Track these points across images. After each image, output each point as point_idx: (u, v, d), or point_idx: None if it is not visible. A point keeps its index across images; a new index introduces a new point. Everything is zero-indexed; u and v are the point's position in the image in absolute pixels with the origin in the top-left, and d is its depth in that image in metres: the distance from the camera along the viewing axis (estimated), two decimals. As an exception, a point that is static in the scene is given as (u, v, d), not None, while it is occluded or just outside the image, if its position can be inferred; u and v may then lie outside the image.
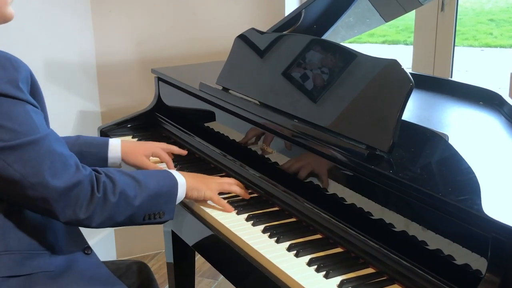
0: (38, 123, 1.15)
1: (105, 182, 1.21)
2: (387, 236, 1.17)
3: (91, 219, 1.19)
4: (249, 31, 1.76)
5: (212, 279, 2.66)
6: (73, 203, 1.16)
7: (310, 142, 1.39)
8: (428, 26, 2.44)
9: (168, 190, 1.33)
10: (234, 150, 1.67)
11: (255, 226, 1.34)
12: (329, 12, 1.93)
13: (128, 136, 2.01)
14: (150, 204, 1.28)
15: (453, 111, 1.69)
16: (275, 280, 1.16)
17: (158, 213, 1.31)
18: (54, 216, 1.17)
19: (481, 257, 1.00)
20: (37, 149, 1.13)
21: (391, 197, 1.18)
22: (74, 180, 1.16)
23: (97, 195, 1.19)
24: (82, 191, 1.17)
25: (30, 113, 1.13)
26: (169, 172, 1.38)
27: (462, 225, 1.03)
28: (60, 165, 1.15)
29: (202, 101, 1.84)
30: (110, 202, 1.21)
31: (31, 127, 1.13)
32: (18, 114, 1.11)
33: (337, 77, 1.41)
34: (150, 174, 1.33)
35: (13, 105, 1.11)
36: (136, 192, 1.26)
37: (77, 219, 1.18)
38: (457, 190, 1.09)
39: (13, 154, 1.11)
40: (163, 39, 2.70)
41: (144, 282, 1.56)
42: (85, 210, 1.18)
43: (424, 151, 1.27)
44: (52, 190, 1.13)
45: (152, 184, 1.29)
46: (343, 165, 1.29)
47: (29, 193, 1.13)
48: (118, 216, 1.23)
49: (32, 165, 1.12)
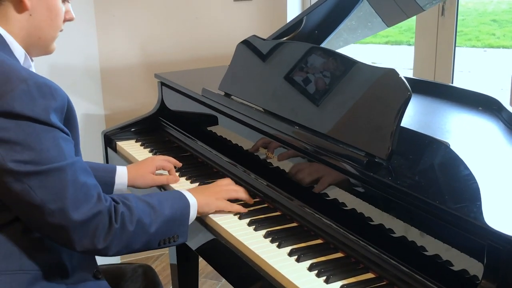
0: (66, 151, 1.15)
1: (123, 212, 1.21)
2: (386, 241, 1.20)
3: (108, 249, 1.19)
4: (251, 37, 1.78)
5: (215, 281, 2.68)
6: (91, 234, 1.16)
7: (311, 148, 1.41)
8: (428, 30, 2.45)
9: (181, 213, 1.33)
10: (236, 155, 1.69)
11: (257, 231, 1.37)
12: (330, 18, 1.95)
13: (131, 140, 2.03)
14: (165, 229, 1.29)
15: (452, 117, 1.71)
16: (277, 285, 1.19)
17: (173, 237, 1.31)
18: (70, 245, 1.17)
19: (478, 263, 1.02)
20: (61, 177, 1.12)
21: (390, 203, 1.20)
22: (94, 211, 1.16)
23: (115, 226, 1.19)
24: (101, 222, 1.17)
25: (59, 140, 1.14)
26: (181, 193, 1.38)
27: (459, 232, 1.05)
28: (82, 195, 1.15)
29: (205, 106, 1.86)
30: (127, 231, 1.21)
31: (59, 154, 1.13)
32: (47, 140, 1.11)
33: (337, 84, 1.43)
34: (163, 198, 1.33)
35: (43, 131, 1.11)
36: (152, 219, 1.26)
37: (94, 249, 1.18)
38: (455, 197, 1.11)
39: (37, 179, 1.11)
40: (166, 44, 2.73)
41: (149, 285, 1.58)
42: (103, 241, 1.18)
43: (423, 158, 1.29)
44: (71, 219, 1.13)
45: (167, 209, 1.30)
46: (343, 171, 1.31)
47: (48, 219, 1.13)
48: (135, 244, 1.24)
49: (54, 192, 1.12)
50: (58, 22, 1.28)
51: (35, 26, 1.25)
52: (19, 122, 1.09)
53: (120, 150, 1.99)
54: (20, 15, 1.22)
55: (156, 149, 1.93)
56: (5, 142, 1.09)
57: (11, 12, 1.22)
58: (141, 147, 1.97)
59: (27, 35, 1.25)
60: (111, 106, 2.74)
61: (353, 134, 1.33)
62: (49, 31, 1.27)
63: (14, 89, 1.09)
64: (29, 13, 1.23)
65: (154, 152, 1.91)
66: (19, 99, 1.09)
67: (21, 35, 1.24)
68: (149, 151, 1.93)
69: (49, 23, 1.26)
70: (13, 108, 1.08)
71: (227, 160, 1.70)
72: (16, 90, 1.09)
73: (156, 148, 1.94)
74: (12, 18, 1.22)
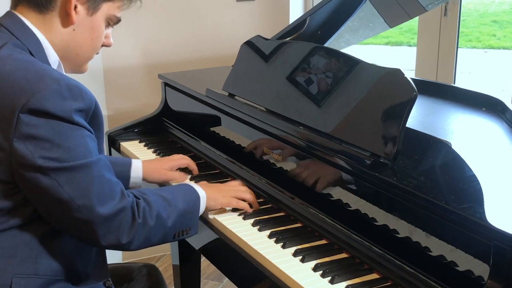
0: (92, 148, 1.18)
1: (144, 207, 1.24)
2: (391, 242, 1.20)
3: (131, 243, 1.22)
4: (255, 38, 1.78)
5: (217, 282, 2.68)
6: (116, 229, 1.19)
7: (315, 148, 1.41)
8: (431, 30, 2.46)
9: (193, 206, 1.37)
10: (240, 156, 1.69)
11: (261, 231, 1.37)
12: (333, 18, 1.95)
13: (135, 140, 2.04)
14: (180, 222, 1.32)
15: (456, 118, 1.71)
16: (281, 285, 1.19)
17: (186, 229, 1.35)
18: (95, 240, 1.19)
19: (484, 264, 1.02)
20: (88, 173, 1.15)
21: (395, 204, 1.20)
22: (119, 206, 1.19)
23: (138, 221, 1.22)
24: (125, 218, 1.20)
25: (86, 138, 1.16)
26: (190, 186, 1.41)
27: (464, 232, 1.05)
28: (108, 191, 1.18)
29: (209, 106, 1.86)
30: (148, 226, 1.24)
31: (85, 151, 1.16)
32: (74, 138, 1.14)
33: (342, 84, 1.43)
34: (175, 192, 1.36)
35: (71, 129, 1.14)
36: (168, 213, 1.29)
37: (118, 244, 1.21)
38: (460, 197, 1.11)
39: (65, 175, 1.13)
40: (169, 44, 2.73)
41: (153, 284, 1.59)
42: (126, 236, 1.21)
43: (427, 159, 1.29)
44: (97, 215, 1.16)
45: (180, 202, 1.33)
46: (347, 172, 1.32)
47: (75, 215, 1.15)
48: (154, 237, 1.27)
49: (82, 187, 1.15)
50: (97, 44, 1.33)
51: (75, 42, 1.28)
52: (48, 120, 1.11)
53: (124, 151, 1.99)
54: (64, 28, 1.26)
55: (160, 149, 1.93)
56: (34, 139, 1.11)
57: (56, 23, 1.25)
58: (145, 147, 1.97)
59: (66, 48, 1.28)
60: (114, 107, 2.74)
61: (358, 134, 1.33)
62: (87, 50, 1.32)
63: (46, 88, 1.12)
64: (73, 28, 1.27)
65: (157, 152, 1.91)
66: (51, 98, 1.11)
67: (60, 46, 1.27)
68: (153, 151, 1.93)
69: (89, 42, 1.30)
70: (44, 107, 1.11)
71: (231, 160, 1.70)
72: (48, 89, 1.12)
73: (160, 148, 1.94)
74: (56, 28, 1.26)
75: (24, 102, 1.10)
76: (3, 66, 1.15)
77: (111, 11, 1.31)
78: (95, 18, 1.28)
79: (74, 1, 1.24)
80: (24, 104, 1.10)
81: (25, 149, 1.10)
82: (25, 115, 1.10)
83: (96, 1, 1.27)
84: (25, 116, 1.10)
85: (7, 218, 1.16)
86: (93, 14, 1.28)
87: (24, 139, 1.10)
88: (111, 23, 1.34)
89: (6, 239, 1.17)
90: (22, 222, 1.18)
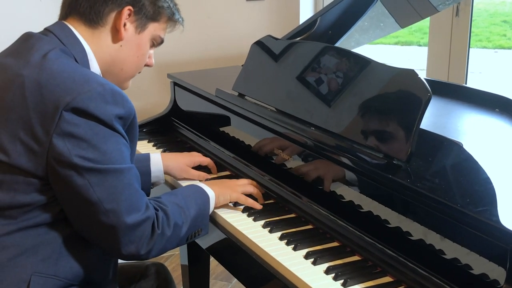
0: (126, 156, 1.20)
1: (163, 218, 1.26)
2: (404, 244, 1.18)
3: (150, 253, 1.24)
4: (266, 38, 1.77)
5: (226, 282, 2.67)
6: (138, 239, 1.20)
7: (327, 149, 1.40)
8: (443, 30, 2.44)
9: (204, 208, 1.38)
10: (250, 156, 1.68)
11: (272, 233, 1.35)
12: (344, 18, 1.94)
13: (144, 140, 2.03)
14: (193, 226, 1.34)
15: (469, 118, 1.69)
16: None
17: (197, 231, 1.36)
18: (116, 247, 1.20)
19: (499, 268, 1.01)
20: (120, 179, 1.17)
21: (408, 206, 1.18)
22: (144, 217, 1.21)
23: (157, 232, 1.24)
24: (147, 230, 1.22)
25: (121, 145, 1.19)
26: (200, 187, 1.42)
27: (480, 236, 1.03)
28: (135, 201, 1.20)
29: (218, 106, 1.85)
30: (166, 236, 1.26)
31: (120, 157, 1.18)
32: (111, 142, 1.17)
33: (354, 85, 1.41)
34: (187, 196, 1.37)
35: (109, 134, 1.16)
36: (183, 220, 1.31)
37: (136, 254, 1.22)
38: (476, 200, 1.09)
39: (97, 176, 1.15)
40: (178, 43, 2.72)
41: (162, 283, 1.59)
42: (146, 246, 1.22)
43: (441, 160, 1.27)
44: (123, 222, 1.17)
45: (192, 206, 1.35)
46: (360, 173, 1.30)
47: (101, 218, 1.16)
48: (170, 245, 1.29)
49: (112, 192, 1.16)
50: (141, 61, 1.37)
51: (121, 58, 1.33)
52: (88, 121, 1.14)
53: (133, 150, 1.98)
54: (112, 43, 1.31)
55: (169, 149, 1.92)
56: (73, 137, 1.13)
57: (105, 38, 1.30)
58: (154, 147, 1.96)
59: (111, 63, 1.32)
60: (122, 106, 2.73)
61: (370, 136, 1.31)
62: (131, 67, 1.36)
63: (91, 90, 1.15)
64: (121, 44, 1.31)
65: (166, 153, 1.90)
66: (94, 100, 1.14)
67: (105, 60, 1.31)
68: (162, 151, 1.92)
69: (134, 59, 1.35)
70: (87, 107, 1.13)
71: (241, 161, 1.69)
72: (93, 91, 1.15)
73: (169, 148, 1.93)
74: (104, 43, 1.30)
75: (69, 100, 1.13)
76: (52, 65, 1.18)
77: (156, 32, 1.37)
78: (142, 37, 1.34)
79: (124, 18, 1.29)
80: (69, 102, 1.13)
81: (63, 146, 1.13)
82: (67, 113, 1.12)
83: (143, 20, 1.32)
84: (67, 114, 1.12)
85: (34, 215, 1.17)
86: (140, 33, 1.33)
87: (64, 136, 1.13)
88: (155, 43, 1.40)
89: (30, 237, 1.18)
90: (48, 221, 1.19)
